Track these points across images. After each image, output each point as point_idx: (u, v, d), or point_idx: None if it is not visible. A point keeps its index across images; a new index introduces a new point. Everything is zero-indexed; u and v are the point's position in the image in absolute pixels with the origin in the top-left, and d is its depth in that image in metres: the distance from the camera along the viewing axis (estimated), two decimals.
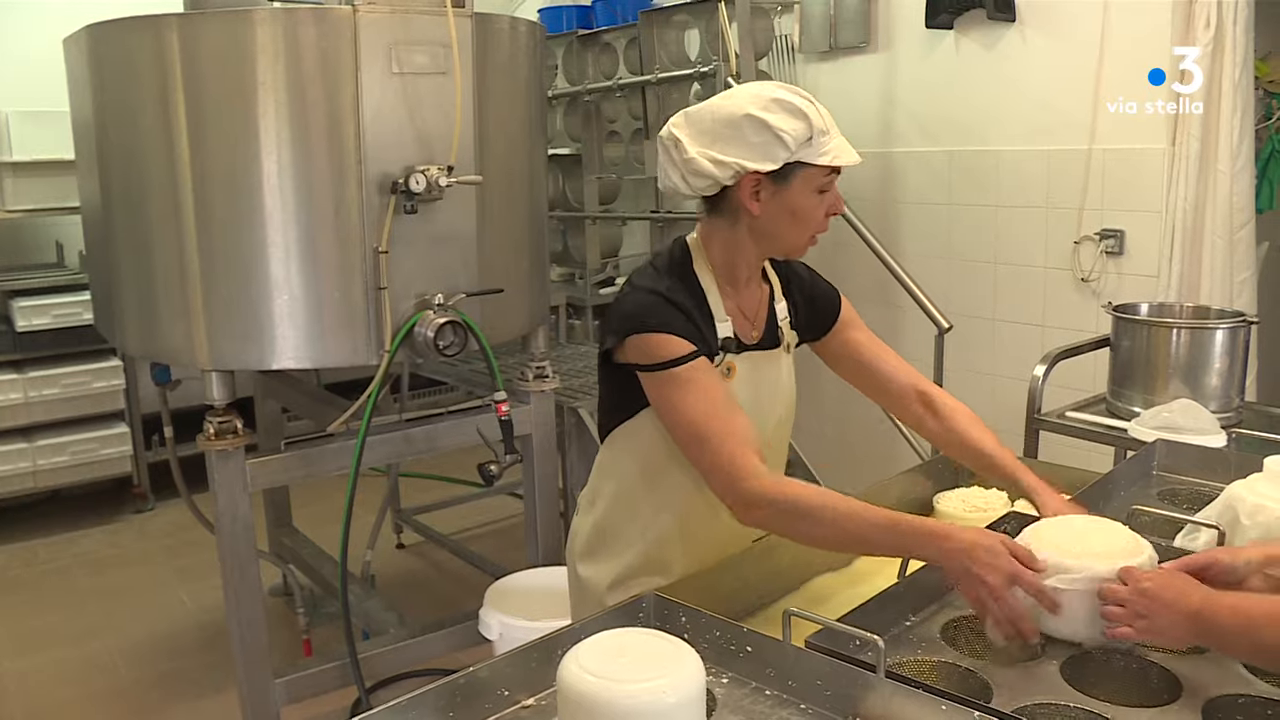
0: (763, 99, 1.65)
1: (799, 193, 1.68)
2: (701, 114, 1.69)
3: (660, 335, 1.65)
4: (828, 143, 1.65)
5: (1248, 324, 2.71)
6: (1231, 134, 3.48)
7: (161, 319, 2.74)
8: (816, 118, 1.65)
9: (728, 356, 1.75)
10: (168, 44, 2.56)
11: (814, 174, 1.67)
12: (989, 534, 1.50)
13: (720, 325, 1.75)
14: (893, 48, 4.49)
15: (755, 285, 1.84)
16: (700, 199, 1.75)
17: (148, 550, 4.87)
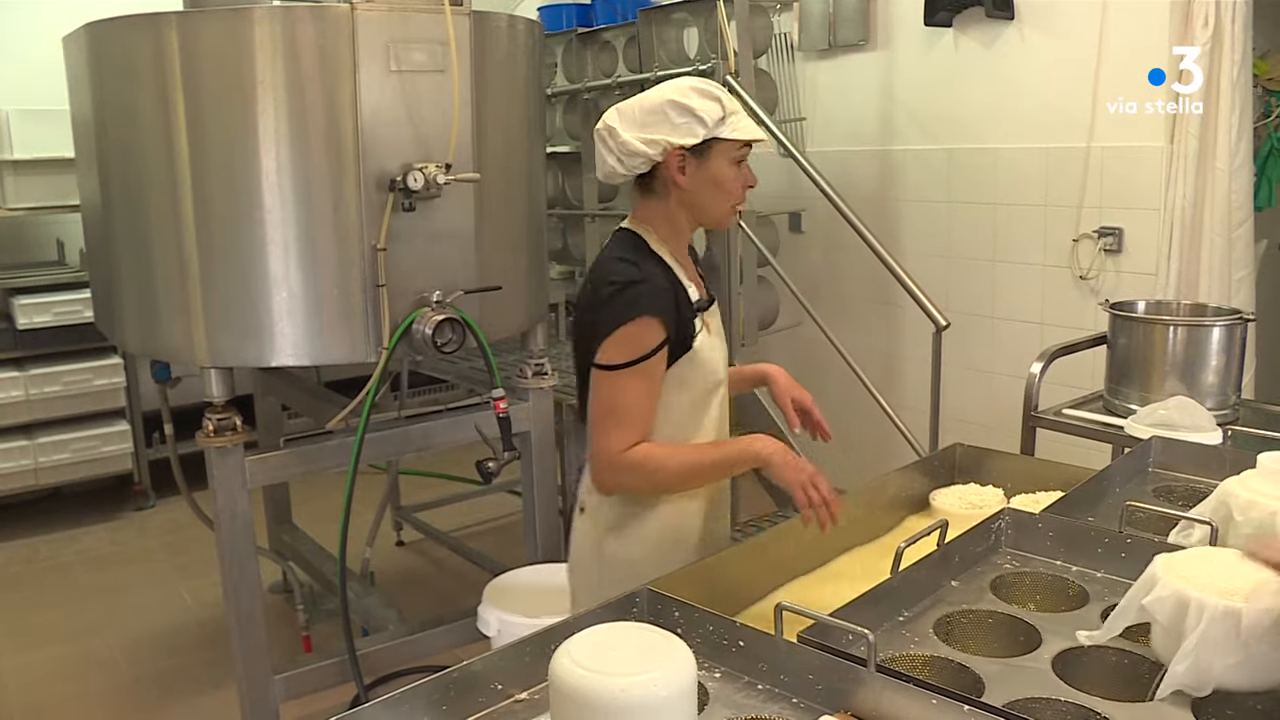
0: (682, 88, 1.92)
1: (717, 165, 1.93)
2: (630, 106, 1.96)
3: (654, 320, 1.87)
4: (738, 120, 1.92)
5: (1244, 321, 2.71)
6: (1230, 132, 3.49)
7: (161, 316, 2.75)
8: (727, 100, 1.92)
9: (703, 315, 2.00)
10: (167, 42, 2.57)
11: (728, 147, 1.92)
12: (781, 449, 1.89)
13: (691, 291, 1.99)
14: (892, 46, 4.50)
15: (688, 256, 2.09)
16: (634, 182, 2.00)
17: (148, 547, 4.88)
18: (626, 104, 1.96)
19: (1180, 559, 1.48)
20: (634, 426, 1.87)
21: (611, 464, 1.88)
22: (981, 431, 3.39)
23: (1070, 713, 1.35)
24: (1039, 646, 1.53)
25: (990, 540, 1.86)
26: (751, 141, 1.94)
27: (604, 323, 1.87)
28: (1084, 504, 2.03)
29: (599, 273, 1.96)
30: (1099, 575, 1.75)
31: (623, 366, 1.86)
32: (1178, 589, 1.38)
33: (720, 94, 1.91)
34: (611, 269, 1.93)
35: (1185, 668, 1.33)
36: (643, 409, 1.89)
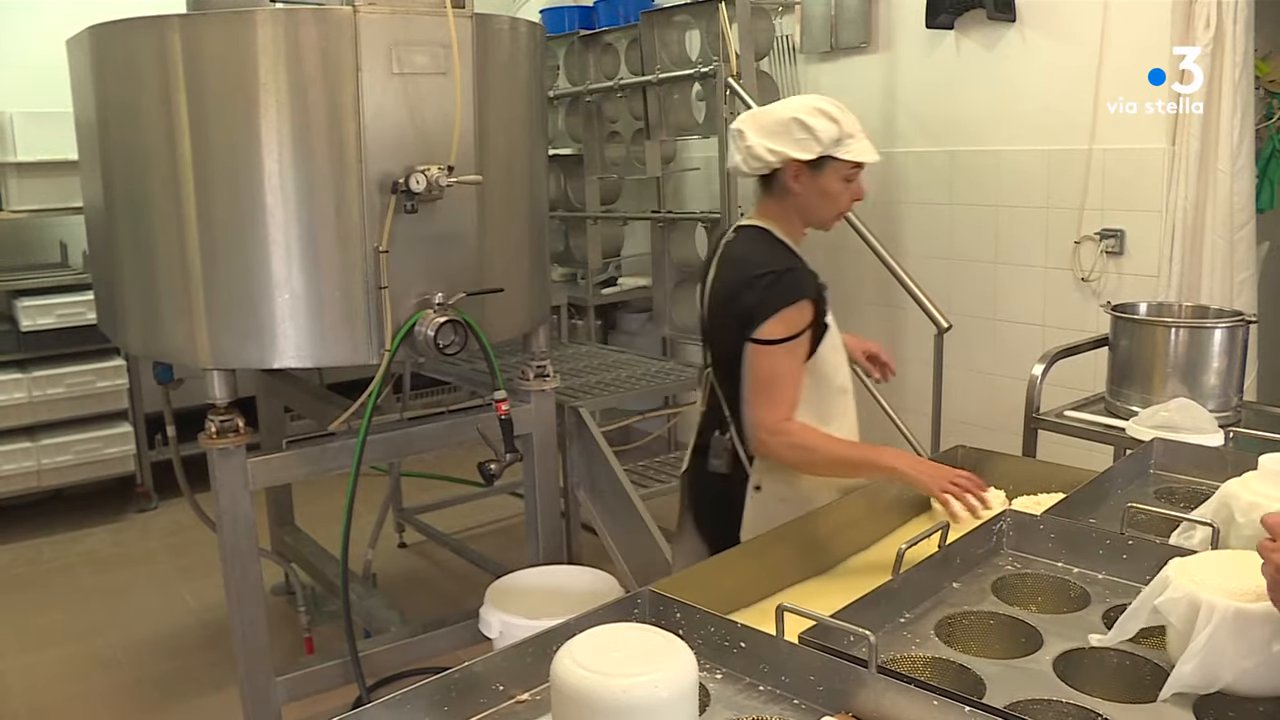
0: (807, 107, 2.16)
1: (829, 179, 2.19)
2: (762, 114, 2.22)
3: (805, 303, 2.14)
4: (853, 143, 2.17)
5: (1246, 323, 2.71)
6: (1232, 134, 3.49)
7: (163, 318, 2.75)
8: (847, 124, 2.16)
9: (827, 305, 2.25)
10: (170, 45, 2.57)
11: (841, 166, 2.18)
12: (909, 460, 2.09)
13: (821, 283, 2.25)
14: (893, 48, 4.50)
15: None
16: (758, 180, 2.27)
17: (151, 549, 4.89)
18: (759, 111, 2.24)
19: (1193, 562, 1.48)
20: (787, 398, 2.15)
21: (771, 431, 2.14)
22: (983, 433, 3.39)
23: (1071, 714, 1.36)
24: (1040, 648, 1.53)
25: (992, 542, 1.86)
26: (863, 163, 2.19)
27: (764, 306, 2.12)
28: (1085, 506, 2.03)
29: (745, 263, 2.21)
30: (1100, 577, 1.75)
31: (779, 342, 2.12)
32: (1190, 591, 1.38)
33: (840, 116, 2.15)
34: (759, 259, 2.20)
35: (1192, 667, 1.33)
36: (795, 382, 2.16)
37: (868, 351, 2.56)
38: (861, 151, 2.18)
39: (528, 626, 2.74)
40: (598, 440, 3.59)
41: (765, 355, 2.13)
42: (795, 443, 2.13)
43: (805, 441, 2.13)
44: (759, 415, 2.16)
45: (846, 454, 2.14)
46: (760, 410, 2.16)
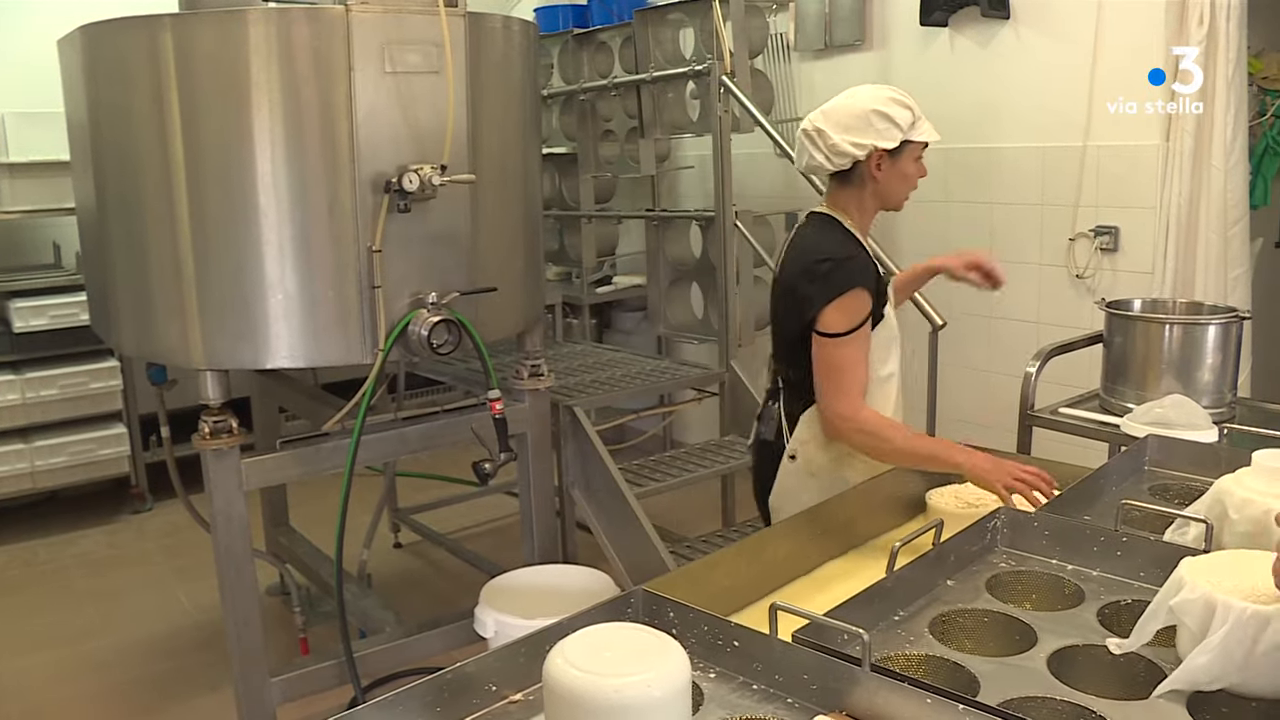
0: (881, 98, 2.27)
1: (906, 162, 2.32)
2: (836, 111, 2.30)
3: (865, 292, 2.24)
4: (922, 125, 2.31)
5: (1240, 320, 2.71)
6: (1225, 130, 3.49)
7: (157, 319, 2.74)
8: (916, 108, 2.30)
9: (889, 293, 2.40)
10: (162, 44, 2.57)
11: (915, 148, 2.33)
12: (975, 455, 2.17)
13: (884, 272, 2.40)
14: (888, 45, 4.50)
15: None
16: (830, 175, 2.35)
17: (145, 550, 4.88)
18: (830, 109, 2.31)
19: (1205, 562, 1.48)
20: (857, 386, 2.26)
21: (844, 418, 2.25)
22: (978, 430, 3.38)
23: (1066, 712, 1.35)
24: (1034, 645, 1.53)
25: (986, 539, 1.86)
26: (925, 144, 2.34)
27: (821, 294, 2.23)
28: (1080, 503, 2.03)
29: (808, 250, 2.32)
30: (1095, 574, 1.75)
31: (845, 335, 2.24)
32: (1205, 592, 1.38)
33: (910, 102, 2.29)
34: (822, 247, 2.30)
35: (1204, 662, 1.33)
36: (861, 370, 2.28)
37: (970, 262, 2.59)
38: (929, 131, 2.33)
39: (523, 626, 2.74)
40: (592, 439, 3.59)
41: (831, 347, 2.25)
42: (869, 430, 2.24)
43: (879, 431, 2.23)
44: (831, 403, 2.28)
45: (917, 448, 2.24)
46: (832, 399, 2.28)
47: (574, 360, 4.47)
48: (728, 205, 4.04)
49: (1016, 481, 2.05)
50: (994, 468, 2.10)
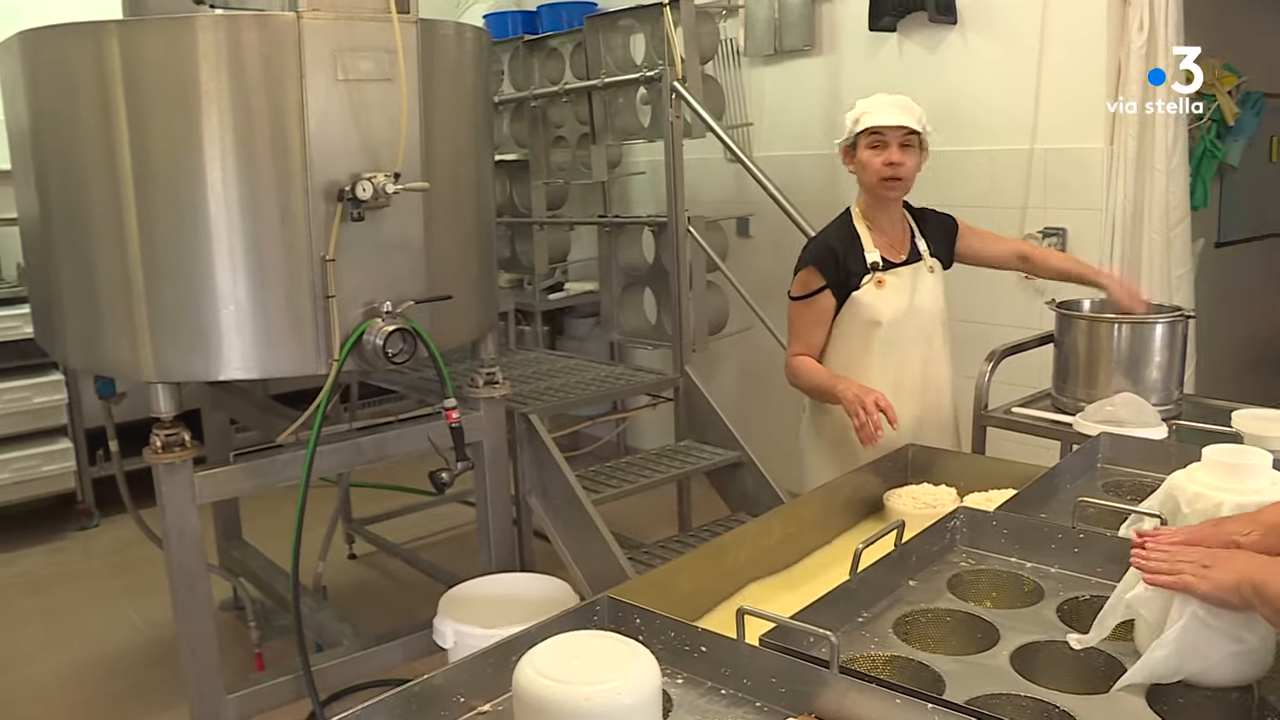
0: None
1: (860, 151, 2.72)
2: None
3: (813, 270, 2.72)
4: (866, 116, 2.68)
5: (1186, 318, 2.76)
6: (1167, 134, 3.57)
7: (105, 331, 2.69)
8: (864, 104, 2.73)
9: (876, 274, 2.72)
10: (108, 51, 2.52)
11: (864, 137, 2.70)
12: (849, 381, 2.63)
13: (869, 255, 2.73)
14: (837, 50, 4.54)
15: (900, 225, 2.84)
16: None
17: (93, 568, 4.78)
18: None
19: None
20: (800, 339, 2.79)
21: (787, 360, 2.82)
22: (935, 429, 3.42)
23: (1030, 708, 1.37)
24: (997, 643, 1.54)
25: (946, 539, 1.88)
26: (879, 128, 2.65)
27: (797, 265, 2.78)
28: (1036, 501, 2.06)
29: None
30: (1053, 571, 1.77)
31: (795, 299, 2.78)
32: None
33: (863, 101, 2.74)
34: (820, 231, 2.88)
35: (1162, 655, 1.36)
36: (809, 331, 2.77)
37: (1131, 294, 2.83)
38: (870, 118, 2.66)
39: (482, 636, 2.72)
40: (549, 446, 3.58)
41: (790, 307, 2.82)
42: (789, 368, 2.81)
43: (795, 368, 2.78)
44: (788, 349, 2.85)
45: (813, 379, 2.74)
46: (789, 345, 2.85)
47: (527, 367, 4.46)
48: (681, 211, 4.04)
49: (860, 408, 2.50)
50: (857, 394, 2.53)
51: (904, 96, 2.75)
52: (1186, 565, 1.36)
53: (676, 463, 3.95)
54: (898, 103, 2.70)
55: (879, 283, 2.72)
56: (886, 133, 2.66)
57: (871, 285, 2.72)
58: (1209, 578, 1.33)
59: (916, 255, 2.82)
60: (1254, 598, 1.29)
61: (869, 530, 2.20)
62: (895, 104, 2.69)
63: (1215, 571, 1.33)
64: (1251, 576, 1.30)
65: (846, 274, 2.71)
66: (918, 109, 2.72)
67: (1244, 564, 1.34)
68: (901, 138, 2.67)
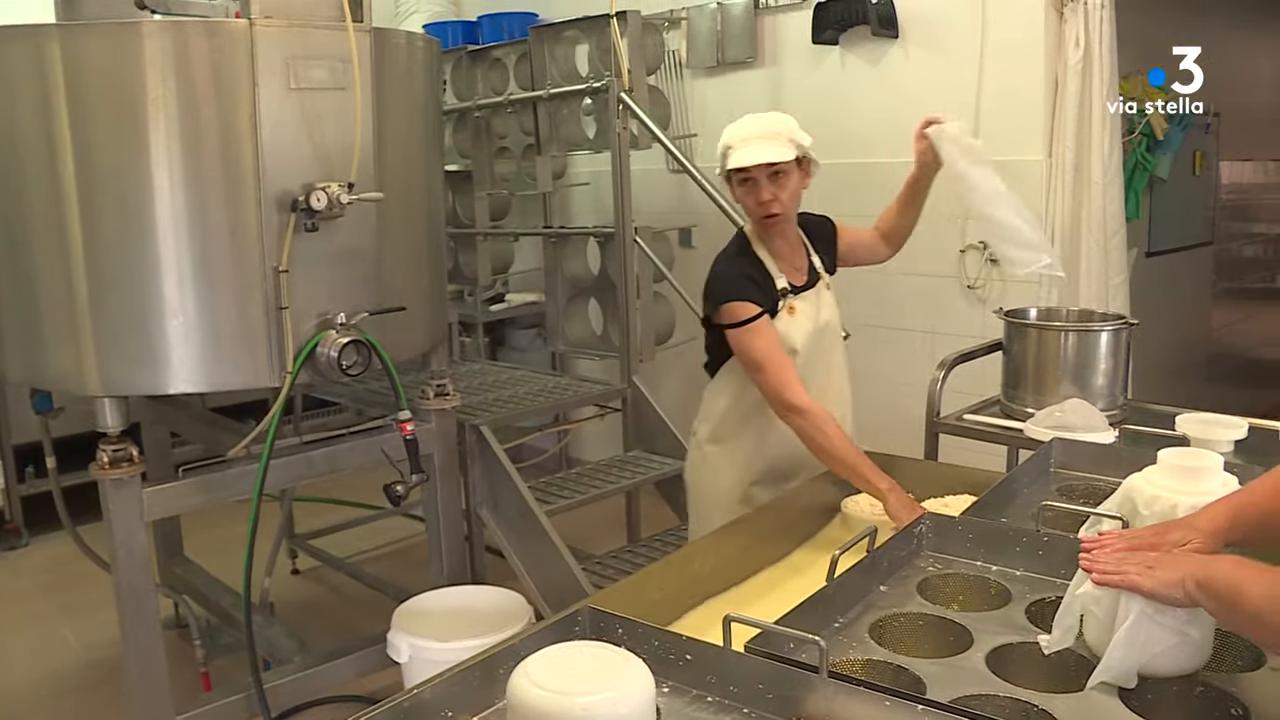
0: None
1: (734, 188, 2.51)
2: None
3: (740, 302, 2.44)
4: (731, 154, 2.44)
5: (1129, 325, 2.84)
6: (1102, 147, 3.67)
7: (47, 345, 2.62)
8: (727, 138, 2.46)
9: (787, 299, 2.53)
10: (48, 56, 2.46)
11: (730, 176, 2.48)
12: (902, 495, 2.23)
13: (778, 280, 2.53)
14: (779, 63, 4.59)
15: (796, 246, 2.62)
16: None
17: (23, 588, 4.63)
18: None
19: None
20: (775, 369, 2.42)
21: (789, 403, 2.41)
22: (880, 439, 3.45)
23: (1009, 707, 1.40)
24: (971, 645, 1.57)
25: (913, 544, 1.90)
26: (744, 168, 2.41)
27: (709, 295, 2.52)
28: (996, 506, 2.09)
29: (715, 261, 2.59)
30: (1019, 574, 1.81)
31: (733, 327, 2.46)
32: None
33: (725, 133, 2.47)
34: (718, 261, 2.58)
35: (1119, 656, 1.39)
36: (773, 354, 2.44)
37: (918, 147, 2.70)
38: (735, 159, 2.42)
39: (438, 649, 2.70)
40: (500, 458, 3.56)
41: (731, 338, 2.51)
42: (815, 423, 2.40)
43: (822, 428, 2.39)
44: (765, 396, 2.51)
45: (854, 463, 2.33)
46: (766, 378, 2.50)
47: (473, 379, 4.43)
48: (628, 221, 4.06)
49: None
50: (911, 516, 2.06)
51: (772, 117, 2.49)
52: (1132, 566, 1.41)
53: (626, 473, 3.95)
54: (763, 131, 2.41)
55: (791, 310, 2.53)
56: (751, 171, 2.41)
57: (784, 313, 2.51)
58: (1154, 576, 1.38)
59: (815, 275, 2.64)
60: (1198, 593, 1.34)
61: (832, 537, 2.24)
62: (759, 135, 2.41)
63: (1160, 570, 1.38)
64: (1194, 573, 1.35)
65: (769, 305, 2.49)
66: (787, 129, 2.43)
67: (1186, 562, 1.39)
68: (769, 173, 2.41)
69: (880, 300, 4.32)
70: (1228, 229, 6.39)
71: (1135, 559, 1.43)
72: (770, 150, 2.38)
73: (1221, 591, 1.31)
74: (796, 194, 2.50)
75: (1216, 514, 1.53)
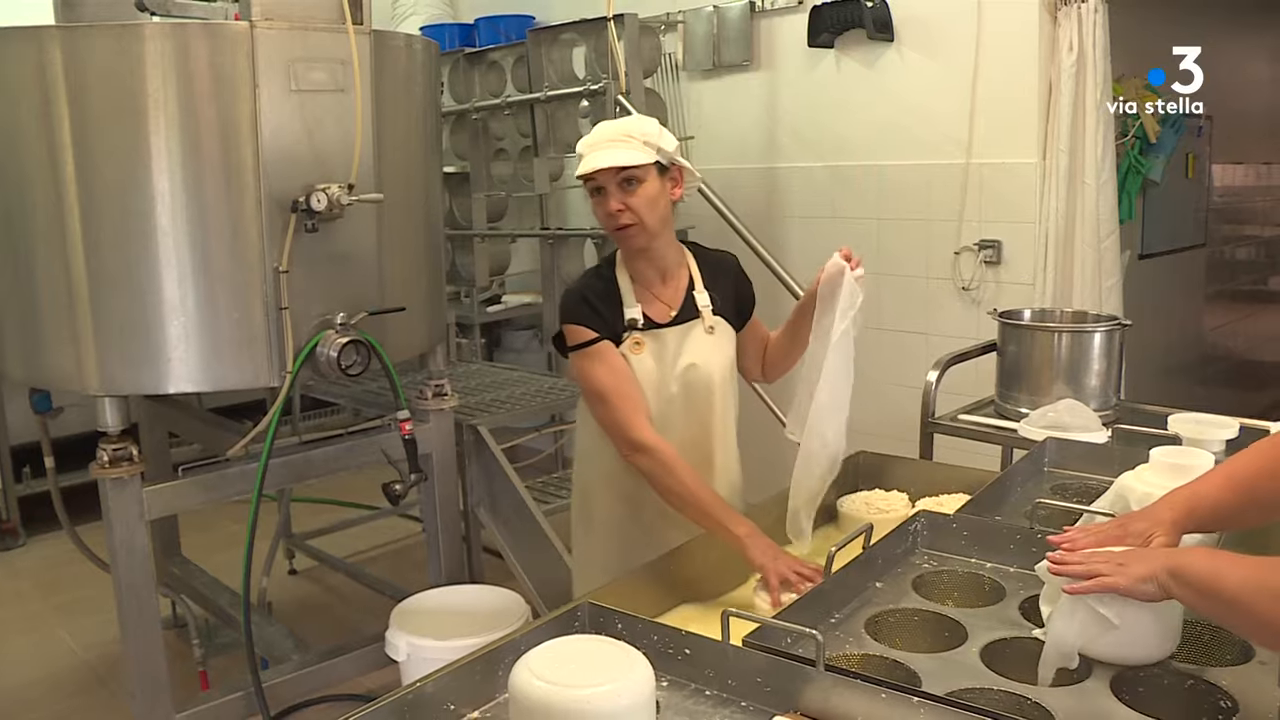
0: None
1: (590, 199, 2.21)
2: None
3: (575, 326, 2.20)
4: (582, 162, 2.15)
5: (1122, 327, 2.86)
6: (1096, 149, 3.69)
7: (46, 344, 2.63)
8: (581, 145, 2.20)
9: (633, 334, 2.21)
10: (50, 58, 2.47)
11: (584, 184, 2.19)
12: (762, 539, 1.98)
13: (628, 310, 2.22)
14: (775, 66, 4.61)
15: (672, 275, 2.29)
16: None
17: (20, 589, 4.63)
18: None
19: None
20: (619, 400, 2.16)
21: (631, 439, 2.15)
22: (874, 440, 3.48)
23: (1004, 700, 1.42)
24: (966, 640, 1.59)
25: (909, 542, 1.93)
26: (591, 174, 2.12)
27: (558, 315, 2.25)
28: (990, 504, 2.12)
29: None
30: (1012, 570, 1.83)
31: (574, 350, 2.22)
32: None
33: (581, 142, 2.20)
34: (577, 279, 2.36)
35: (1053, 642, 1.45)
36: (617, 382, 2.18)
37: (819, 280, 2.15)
38: (583, 166, 2.13)
39: (437, 648, 2.71)
40: (498, 458, 3.57)
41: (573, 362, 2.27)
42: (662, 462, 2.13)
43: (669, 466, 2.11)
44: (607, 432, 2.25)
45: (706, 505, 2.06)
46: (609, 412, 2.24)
47: (470, 380, 4.44)
48: None
49: (794, 575, 1.89)
50: (774, 560, 1.93)
51: (630, 120, 2.26)
52: (1103, 565, 1.43)
53: None
54: (614, 135, 2.15)
55: (636, 344, 2.19)
56: (599, 177, 2.12)
57: (627, 348, 2.19)
58: (1126, 573, 1.41)
59: (692, 312, 2.26)
60: (1172, 583, 1.37)
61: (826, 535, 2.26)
62: (610, 139, 2.15)
63: (1131, 567, 1.41)
64: (1166, 565, 1.38)
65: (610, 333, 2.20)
66: (643, 133, 2.15)
67: (1157, 555, 1.42)
68: (619, 180, 2.12)
69: (875, 302, 4.34)
70: (1220, 231, 6.43)
71: (1103, 556, 1.46)
72: (619, 154, 2.10)
73: (1196, 580, 1.34)
74: (657, 204, 2.16)
75: (1176, 503, 1.58)
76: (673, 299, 2.26)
